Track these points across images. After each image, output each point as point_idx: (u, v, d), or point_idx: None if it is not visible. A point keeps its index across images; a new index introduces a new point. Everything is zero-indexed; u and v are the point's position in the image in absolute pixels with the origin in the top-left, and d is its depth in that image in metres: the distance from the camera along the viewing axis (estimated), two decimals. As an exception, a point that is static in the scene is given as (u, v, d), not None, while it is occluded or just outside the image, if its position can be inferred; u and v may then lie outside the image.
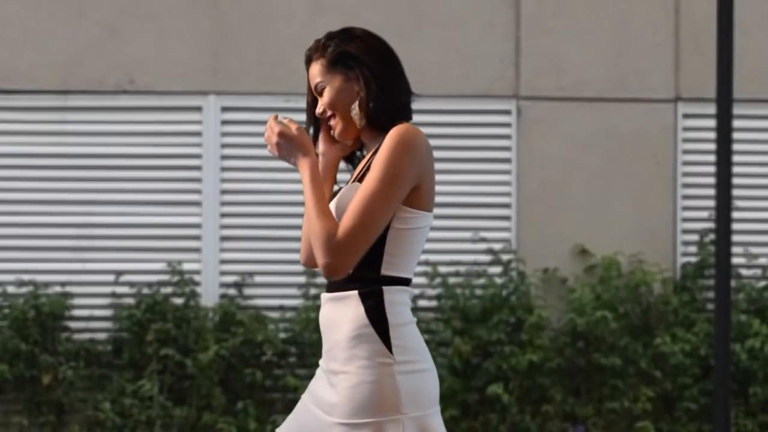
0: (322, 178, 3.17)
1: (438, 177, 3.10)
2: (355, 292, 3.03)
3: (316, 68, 3.21)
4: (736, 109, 6.98)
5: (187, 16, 8.06)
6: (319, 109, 3.22)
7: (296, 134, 3.15)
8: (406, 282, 3.08)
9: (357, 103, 3.15)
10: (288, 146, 3.15)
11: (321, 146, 3.28)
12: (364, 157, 3.24)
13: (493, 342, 7.73)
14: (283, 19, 8.08)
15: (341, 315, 3.05)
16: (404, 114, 3.17)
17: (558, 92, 8.15)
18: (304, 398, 3.17)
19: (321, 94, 3.21)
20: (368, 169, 3.07)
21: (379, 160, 3.00)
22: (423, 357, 3.05)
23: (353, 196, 3.02)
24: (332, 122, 3.22)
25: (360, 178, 3.10)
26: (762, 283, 8.12)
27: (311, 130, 3.27)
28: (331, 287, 3.11)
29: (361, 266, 3.02)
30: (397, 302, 3.04)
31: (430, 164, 3.05)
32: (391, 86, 3.15)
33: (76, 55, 8.00)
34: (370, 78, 3.13)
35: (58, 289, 7.86)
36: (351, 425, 2.97)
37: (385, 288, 3.03)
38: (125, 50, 8.02)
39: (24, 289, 7.82)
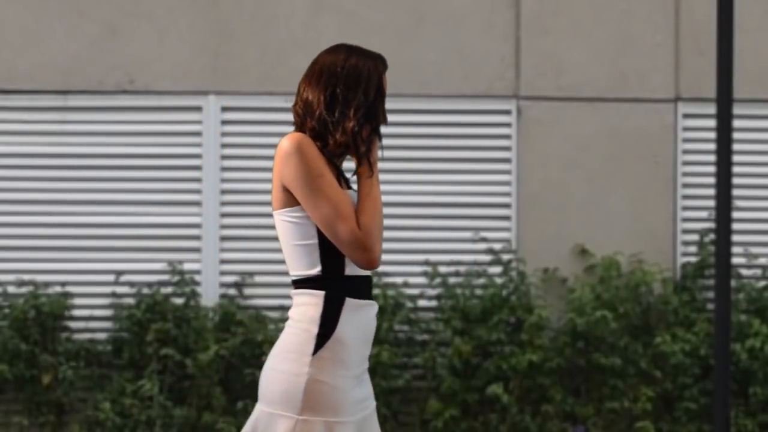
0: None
1: (438, 177, 3.13)
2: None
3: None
4: (736, 109, 6.97)
5: (187, 16, 8.06)
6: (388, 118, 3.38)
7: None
8: None
9: None
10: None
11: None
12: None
13: (493, 342, 7.73)
14: (283, 19, 8.07)
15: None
16: None
17: (558, 92, 8.15)
18: (367, 415, 3.34)
19: None
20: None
21: None
22: None
23: None
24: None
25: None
26: (762, 283, 8.12)
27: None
28: (367, 294, 3.35)
29: None
30: None
31: None
32: None
33: (76, 55, 8.01)
34: None
35: (58, 289, 7.86)
36: None
37: None
38: (125, 50, 8.02)
39: (24, 289, 7.82)
